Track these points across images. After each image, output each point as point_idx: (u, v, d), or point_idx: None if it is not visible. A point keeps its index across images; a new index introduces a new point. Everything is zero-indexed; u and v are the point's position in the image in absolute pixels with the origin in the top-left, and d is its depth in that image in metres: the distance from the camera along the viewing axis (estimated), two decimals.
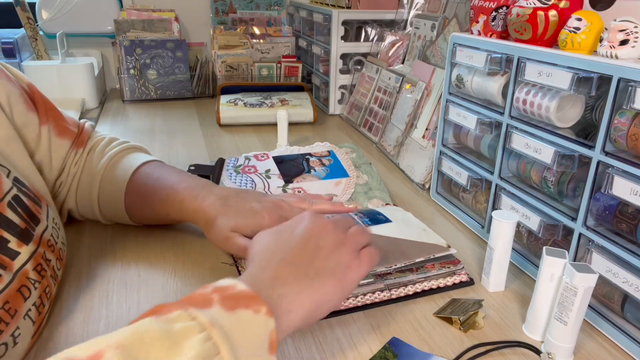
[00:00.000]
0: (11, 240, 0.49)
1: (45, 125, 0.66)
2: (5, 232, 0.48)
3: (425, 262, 0.63)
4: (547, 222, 0.62)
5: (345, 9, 1.32)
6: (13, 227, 0.50)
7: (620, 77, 0.51)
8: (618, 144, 0.53)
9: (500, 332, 0.56)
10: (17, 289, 0.47)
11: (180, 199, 0.66)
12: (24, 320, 0.47)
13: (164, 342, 0.33)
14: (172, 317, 0.35)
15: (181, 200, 0.66)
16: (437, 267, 0.63)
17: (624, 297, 0.54)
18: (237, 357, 0.35)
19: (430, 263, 0.63)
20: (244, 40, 1.56)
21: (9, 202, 0.50)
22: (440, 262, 0.64)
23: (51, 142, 0.67)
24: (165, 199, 0.67)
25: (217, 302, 0.38)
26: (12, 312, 0.46)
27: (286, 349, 0.52)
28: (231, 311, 0.37)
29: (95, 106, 1.42)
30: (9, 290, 0.46)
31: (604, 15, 0.59)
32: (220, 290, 0.39)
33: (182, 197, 0.66)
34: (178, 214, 0.67)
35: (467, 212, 0.81)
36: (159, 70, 1.47)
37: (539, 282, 0.53)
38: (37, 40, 1.44)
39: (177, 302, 0.38)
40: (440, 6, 1.08)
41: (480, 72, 0.74)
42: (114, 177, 0.70)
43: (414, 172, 0.97)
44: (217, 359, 0.34)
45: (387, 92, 1.16)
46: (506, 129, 0.68)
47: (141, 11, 1.60)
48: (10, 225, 0.49)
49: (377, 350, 0.52)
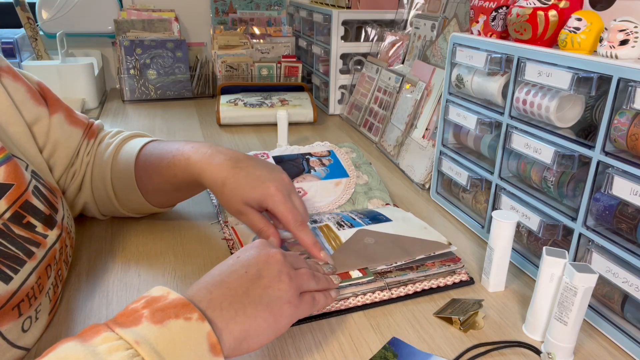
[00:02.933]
0: (37, 225, 0.51)
1: (55, 114, 0.67)
2: (32, 217, 0.51)
3: (425, 259, 0.63)
4: (547, 222, 0.62)
5: (345, 9, 1.32)
6: (39, 214, 0.52)
7: (620, 77, 0.51)
8: (618, 144, 0.53)
9: (500, 332, 0.56)
10: (45, 267, 0.51)
11: (187, 156, 0.65)
12: (45, 298, 0.51)
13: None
14: (98, 340, 0.36)
15: (187, 157, 0.64)
16: (438, 265, 0.63)
17: (624, 297, 0.54)
18: None
19: (430, 261, 0.63)
20: (244, 40, 1.56)
21: (33, 191, 0.53)
22: (440, 260, 0.64)
23: (63, 129, 0.67)
24: (171, 160, 0.66)
25: (146, 317, 0.38)
26: (40, 288, 0.50)
27: (286, 348, 0.52)
28: (160, 324, 0.37)
29: (95, 106, 1.42)
30: (41, 267, 0.50)
31: (604, 15, 0.59)
32: (152, 302, 0.39)
33: (188, 154, 0.65)
34: (185, 174, 0.65)
35: (467, 212, 0.81)
36: (159, 70, 1.47)
37: (539, 282, 0.53)
38: (37, 40, 1.44)
39: (105, 323, 0.38)
40: (440, 6, 1.08)
41: (480, 72, 0.74)
42: (122, 160, 0.70)
43: (414, 172, 0.97)
44: None
45: (387, 92, 1.16)
46: (506, 129, 0.68)
47: (141, 11, 1.60)
48: (37, 212, 0.52)
49: (377, 350, 0.52)
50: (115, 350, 0.35)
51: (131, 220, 0.76)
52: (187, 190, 0.72)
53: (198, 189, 0.73)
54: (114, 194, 0.71)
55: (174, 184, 0.68)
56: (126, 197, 0.72)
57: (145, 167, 0.69)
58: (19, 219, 0.49)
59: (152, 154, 0.69)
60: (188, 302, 0.39)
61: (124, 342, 0.35)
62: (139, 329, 0.37)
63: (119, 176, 0.70)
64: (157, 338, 0.36)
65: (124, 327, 0.37)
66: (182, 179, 0.66)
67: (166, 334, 0.37)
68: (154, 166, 0.68)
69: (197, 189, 0.71)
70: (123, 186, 0.70)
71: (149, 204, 0.72)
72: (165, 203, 0.75)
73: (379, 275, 0.60)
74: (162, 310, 0.38)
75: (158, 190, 0.71)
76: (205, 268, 0.66)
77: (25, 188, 0.51)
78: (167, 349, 0.36)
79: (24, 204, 0.50)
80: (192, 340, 0.38)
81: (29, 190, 0.51)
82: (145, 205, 0.72)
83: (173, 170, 0.66)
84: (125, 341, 0.35)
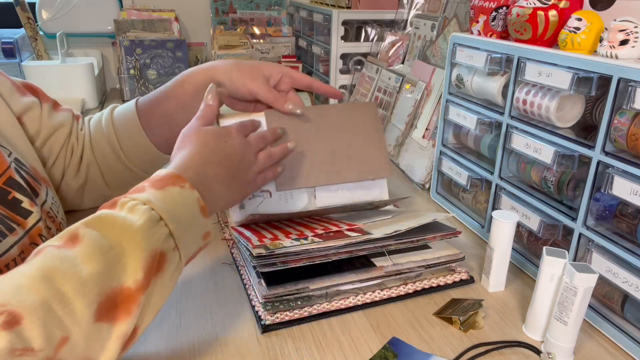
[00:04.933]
0: (24, 200, 0.54)
1: (46, 103, 0.72)
2: (17, 192, 0.54)
3: (426, 232, 0.63)
4: (547, 222, 0.62)
5: (345, 9, 1.32)
6: (23, 190, 0.55)
7: (620, 77, 0.51)
8: (618, 144, 0.53)
9: (500, 332, 0.56)
10: (29, 243, 0.53)
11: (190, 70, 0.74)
12: None
13: (119, 217, 0.43)
14: (118, 205, 0.45)
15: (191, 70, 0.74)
16: (439, 239, 0.63)
17: (624, 297, 0.54)
18: (177, 220, 0.46)
19: (431, 235, 0.63)
20: (244, 40, 1.56)
21: (15, 169, 0.56)
22: (441, 234, 0.63)
23: (53, 115, 0.72)
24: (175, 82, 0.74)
25: (148, 187, 0.47)
26: None
27: (286, 348, 0.52)
28: (161, 189, 0.47)
29: (95, 106, 1.42)
30: (23, 243, 0.52)
31: (604, 15, 0.59)
32: (150, 179, 0.49)
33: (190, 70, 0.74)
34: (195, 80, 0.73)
35: (467, 212, 0.81)
36: (159, 70, 1.47)
37: (539, 282, 0.53)
38: (37, 40, 1.44)
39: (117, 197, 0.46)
40: (440, 6, 1.08)
41: (480, 72, 0.74)
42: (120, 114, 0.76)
43: (414, 172, 0.97)
44: (161, 223, 0.45)
45: (387, 92, 1.16)
46: (506, 129, 0.68)
47: (141, 11, 1.60)
48: (21, 188, 0.55)
49: (377, 350, 0.52)
50: (133, 207, 0.44)
51: None
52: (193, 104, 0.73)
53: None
54: (119, 145, 0.74)
55: (181, 102, 0.73)
56: (132, 145, 0.75)
57: (147, 105, 0.75)
58: (4, 195, 0.52)
59: (149, 97, 0.76)
60: (179, 175, 0.50)
61: (138, 201, 0.45)
62: (145, 194, 0.46)
63: (122, 128, 0.75)
64: (162, 199, 0.46)
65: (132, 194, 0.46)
66: (192, 91, 0.72)
67: (167, 196, 0.47)
68: (160, 96, 0.74)
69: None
70: (128, 135, 0.75)
71: (154, 147, 0.75)
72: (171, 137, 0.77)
73: (378, 246, 0.60)
74: (160, 180, 0.48)
75: (164, 118, 0.74)
76: (205, 268, 0.66)
77: (6, 168, 0.54)
78: (170, 206, 0.46)
79: (8, 180, 0.53)
80: (187, 201, 0.49)
81: (10, 169, 0.54)
82: (150, 150, 0.75)
83: (182, 86, 0.73)
84: (139, 201, 0.45)
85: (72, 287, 0.38)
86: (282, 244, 0.57)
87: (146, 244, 0.43)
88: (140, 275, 0.42)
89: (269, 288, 0.55)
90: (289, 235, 0.60)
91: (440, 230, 0.64)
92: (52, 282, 0.37)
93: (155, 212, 0.44)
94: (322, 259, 0.57)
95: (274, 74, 0.72)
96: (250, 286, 0.60)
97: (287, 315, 0.55)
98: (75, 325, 0.37)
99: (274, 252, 0.55)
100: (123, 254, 0.41)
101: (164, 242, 0.45)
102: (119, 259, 0.41)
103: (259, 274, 0.58)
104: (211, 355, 0.51)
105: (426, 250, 0.64)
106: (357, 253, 0.59)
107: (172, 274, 0.46)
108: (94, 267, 0.39)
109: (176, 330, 0.55)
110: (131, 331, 0.41)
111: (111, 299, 0.40)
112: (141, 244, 0.42)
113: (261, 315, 0.55)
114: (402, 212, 0.72)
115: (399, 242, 0.61)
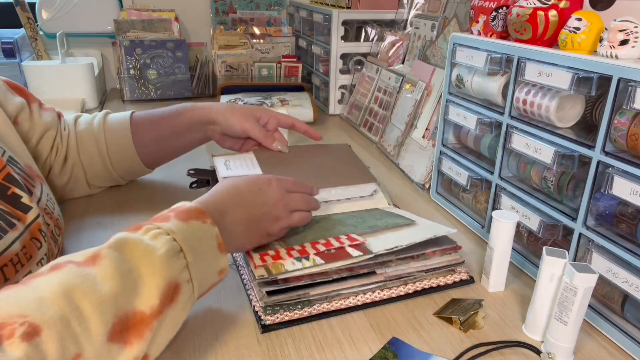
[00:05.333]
0: (23, 195, 0.55)
1: (34, 103, 0.74)
2: (16, 188, 0.55)
3: (426, 247, 0.62)
4: (547, 222, 0.62)
5: (345, 9, 1.32)
6: (21, 186, 0.56)
7: (620, 77, 0.51)
8: (618, 144, 0.53)
9: (500, 332, 0.56)
10: (30, 239, 0.54)
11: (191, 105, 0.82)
12: (36, 267, 0.53)
13: (142, 242, 0.45)
14: (142, 230, 0.47)
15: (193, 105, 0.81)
16: (439, 254, 0.63)
17: (624, 297, 0.54)
18: (195, 254, 0.48)
19: (431, 249, 0.63)
20: (244, 40, 1.56)
21: (10, 167, 0.57)
22: (441, 249, 0.63)
23: (42, 115, 0.75)
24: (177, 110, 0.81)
25: (173, 217, 0.50)
26: (28, 257, 0.52)
27: (286, 348, 0.52)
28: (185, 222, 0.49)
29: (95, 106, 1.42)
30: (24, 238, 0.53)
31: (604, 15, 0.59)
32: (174, 209, 0.52)
33: (191, 104, 0.82)
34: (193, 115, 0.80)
35: (467, 212, 0.81)
36: (159, 70, 1.47)
37: (539, 282, 0.53)
38: (37, 40, 1.43)
39: (141, 222, 0.49)
40: (440, 6, 1.08)
41: (480, 72, 0.74)
42: (113, 122, 0.80)
43: (414, 172, 0.97)
44: (180, 254, 0.47)
45: (387, 92, 1.16)
46: (506, 129, 0.68)
47: (141, 11, 1.60)
48: (19, 184, 0.56)
49: (377, 350, 0.52)
50: (157, 236, 0.46)
51: (130, 222, 0.76)
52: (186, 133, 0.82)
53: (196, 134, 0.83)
54: (107, 151, 0.78)
55: (174, 130, 0.80)
56: (119, 154, 0.79)
57: (142, 122, 0.80)
58: (3, 191, 0.53)
59: (147, 114, 0.82)
60: (204, 210, 0.52)
61: (163, 231, 0.47)
62: (170, 224, 0.48)
63: (113, 136, 0.79)
64: (184, 231, 0.48)
65: (157, 222, 0.49)
66: (187, 122, 0.80)
67: (189, 229, 0.49)
68: (156, 118, 0.81)
69: (195, 133, 0.83)
70: (117, 144, 0.79)
71: (140, 160, 0.81)
72: (158, 155, 0.83)
73: (379, 264, 0.60)
74: (185, 213, 0.51)
75: (155, 138, 0.80)
76: None
77: (3, 165, 0.55)
78: (190, 240, 0.48)
79: (7, 176, 0.55)
80: (207, 237, 0.51)
81: (7, 166, 0.56)
82: (136, 161, 0.80)
83: (180, 116, 0.80)
84: (163, 230, 0.47)
85: (90, 304, 0.39)
86: (284, 265, 0.56)
87: (165, 272, 0.44)
88: (156, 301, 0.43)
89: (269, 295, 0.55)
90: (290, 252, 0.59)
91: (440, 244, 0.63)
92: (71, 298, 0.38)
93: (176, 243, 0.47)
94: (323, 277, 0.57)
95: (262, 116, 0.83)
96: (251, 286, 0.60)
97: (287, 315, 0.55)
98: (89, 343, 0.38)
99: (277, 277, 0.55)
100: (141, 278, 0.43)
101: (181, 273, 0.46)
102: (137, 283, 0.43)
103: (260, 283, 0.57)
104: (211, 355, 0.51)
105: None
106: (358, 271, 0.59)
107: (185, 306, 0.47)
108: (112, 287, 0.41)
109: None
110: (141, 357, 0.42)
111: (124, 321, 0.41)
112: (161, 271, 0.44)
113: (261, 315, 0.55)
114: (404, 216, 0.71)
115: (399, 258, 0.61)
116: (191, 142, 0.85)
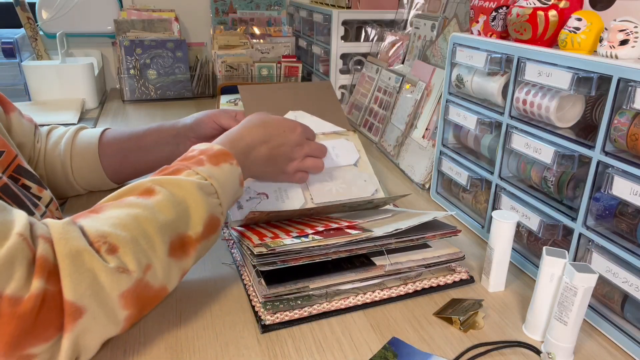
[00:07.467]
0: (32, 186, 0.61)
1: (13, 113, 0.74)
2: (26, 180, 0.61)
3: (426, 231, 0.63)
4: (547, 222, 0.62)
5: (345, 9, 1.32)
6: (32, 176, 0.62)
7: (620, 77, 0.51)
8: (618, 144, 0.53)
9: (500, 332, 0.56)
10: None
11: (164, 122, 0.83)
12: None
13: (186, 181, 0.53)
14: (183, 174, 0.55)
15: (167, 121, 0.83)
16: (438, 238, 0.63)
17: (624, 297, 0.54)
18: (224, 192, 0.57)
19: (430, 233, 0.63)
20: (244, 40, 1.56)
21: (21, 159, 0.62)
22: (441, 233, 0.63)
23: (23, 125, 0.76)
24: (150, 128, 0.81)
25: (206, 161, 0.57)
26: None
27: (286, 348, 0.52)
28: (217, 166, 0.58)
29: (95, 106, 1.42)
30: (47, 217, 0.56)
31: (604, 15, 0.59)
32: (204, 152, 0.59)
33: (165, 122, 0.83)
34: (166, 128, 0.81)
35: (467, 212, 0.81)
36: (159, 70, 1.47)
37: (539, 282, 0.53)
38: (37, 40, 1.43)
39: (178, 162, 0.57)
40: (440, 6, 1.08)
41: (480, 72, 0.74)
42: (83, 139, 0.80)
43: (414, 172, 0.97)
44: (215, 194, 0.55)
45: (387, 92, 1.16)
46: (506, 129, 0.68)
47: (141, 11, 1.60)
48: (30, 175, 0.62)
49: (377, 350, 0.52)
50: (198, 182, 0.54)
51: None
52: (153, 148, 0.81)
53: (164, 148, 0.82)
54: (70, 166, 0.79)
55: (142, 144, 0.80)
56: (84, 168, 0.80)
57: (112, 135, 0.81)
58: (14, 182, 0.57)
59: (118, 129, 0.83)
60: (231, 153, 0.60)
61: (201, 177, 0.55)
62: (205, 168, 0.56)
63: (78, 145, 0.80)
64: (218, 176, 0.57)
65: (194, 166, 0.56)
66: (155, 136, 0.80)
67: (221, 173, 0.57)
68: (125, 133, 0.82)
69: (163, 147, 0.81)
70: (83, 159, 0.79)
71: (105, 174, 0.81)
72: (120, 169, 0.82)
73: (379, 245, 0.60)
74: (215, 157, 0.58)
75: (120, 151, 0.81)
76: (205, 268, 0.66)
77: (14, 155, 0.60)
78: (222, 182, 0.57)
79: (17, 168, 0.60)
80: (233, 177, 0.59)
81: (19, 157, 0.60)
82: (100, 175, 0.81)
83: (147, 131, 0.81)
84: (202, 176, 0.55)
85: (152, 228, 0.49)
86: (283, 242, 0.57)
87: (207, 206, 0.54)
88: (200, 229, 0.53)
89: (268, 287, 0.55)
90: (289, 233, 0.60)
91: (440, 229, 0.64)
92: (138, 222, 0.48)
93: (213, 187, 0.55)
94: (322, 258, 0.57)
95: (230, 111, 0.84)
96: (251, 286, 0.60)
97: (287, 315, 0.55)
98: (155, 257, 0.48)
99: (275, 249, 0.55)
100: (188, 209, 0.52)
101: (216, 207, 0.56)
102: (186, 213, 0.52)
103: (258, 273, 0.58)
104: (211, 355, 0.51)
105: (426, 250, 0.64)
106: (357, 252, 0.59)
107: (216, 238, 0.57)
108: (168, 215, 0.50)
109: (176, 330, 0.55)
110: (188, 269, 0.54)
111: (178, 242, 0.51)
112: (204, 206, 0.53)
113: (261, 315, 0.55)
114: (402, 211, 0.73)
115: (399, 241, 0.61)
116: (159, 158, 0.81)
